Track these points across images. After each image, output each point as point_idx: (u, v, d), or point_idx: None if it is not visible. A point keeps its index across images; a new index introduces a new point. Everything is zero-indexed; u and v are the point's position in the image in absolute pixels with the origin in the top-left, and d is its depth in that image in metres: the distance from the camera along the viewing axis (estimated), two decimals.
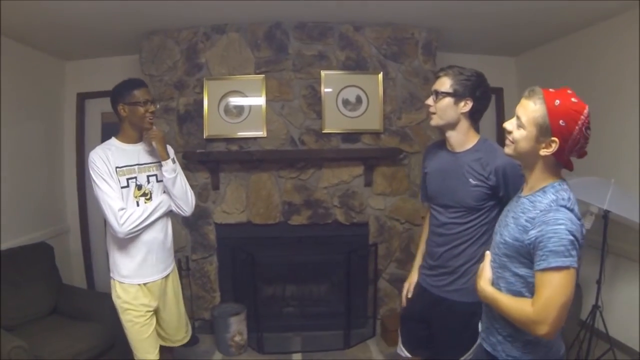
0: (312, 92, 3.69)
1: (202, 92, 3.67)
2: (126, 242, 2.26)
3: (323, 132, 3.69)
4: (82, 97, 4.40)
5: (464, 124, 2.00)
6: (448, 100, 1.95)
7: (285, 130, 3.70)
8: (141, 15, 3.33)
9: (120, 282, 2.28)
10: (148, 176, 2.35)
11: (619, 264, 3.29)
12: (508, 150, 1.51)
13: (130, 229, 2.17)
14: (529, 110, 1.39)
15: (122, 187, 2.24)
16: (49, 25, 3.35)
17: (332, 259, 3.87)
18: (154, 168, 2.38)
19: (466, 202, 1.96)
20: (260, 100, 3.66)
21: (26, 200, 3.78)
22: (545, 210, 1.36)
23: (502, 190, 1.89)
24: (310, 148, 3.71)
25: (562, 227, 1.29)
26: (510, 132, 1.47)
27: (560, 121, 1.33)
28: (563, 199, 1.37)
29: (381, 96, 3.70)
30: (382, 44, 3.74)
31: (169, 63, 3.72)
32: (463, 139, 2.01)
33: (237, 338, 3.53)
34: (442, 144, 2.16)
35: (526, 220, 1.41)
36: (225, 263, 3.83)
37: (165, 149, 2.36)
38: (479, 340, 2.07)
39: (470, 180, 1.93)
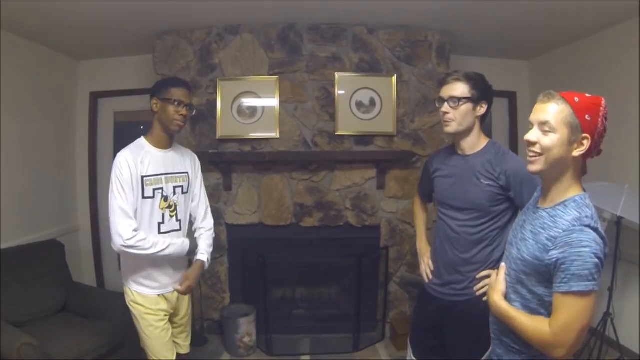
0: (326, 94, 3.69)
1: (215, 93, 3.67)
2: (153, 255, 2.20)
3: (336, 134, 3.68)
4: (95, 96, 4.42)
5: (477, 128, 2.03)
6: (468, 105, 1.96)
7: (298, 131, 3.70)
8: (155, 15, 3.34)
9: (137, 292, 2.24)
10: (175, 187, 2.28)
11: (631, 271, 3.25)
12: (535, 166, 1.37)
13: (128, 250, 2.07)
14: (556, 112, 1.31)
15: (146, 198, 2.16)
16: (63, 25, 3.37)
17: (342, 261, 3.85)
18: (181, 179, 2.31)
19: (479, 203, 1.96)
20: (273, 102, 3.66)
21: (38, 197, 3.80)
22: (568, 230, 1.29)
23: (513, 192, 1.90)
24: (323, 150, 3.70)
25: (587, 249, 1.24)
26: (534, 144, 1.35)
27: (587, 116, 1.29)
28: (587, 217, 1.30)
29: (394, 99, 3.69)
30: (395, 46, 3.73)
31: (182, 63, 3.72)
32: (475, 142, 2.04)
33: (246, 339, 3.52)
34: (450, 148, 2.18)
35: (547, 239, 1.34)
36: (236, 264, 3.83)
37: (198, 275, 2.37)
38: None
39: (482, 180, 1.95)
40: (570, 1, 2.97)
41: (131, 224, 2.08)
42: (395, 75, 3.70)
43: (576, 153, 1.31)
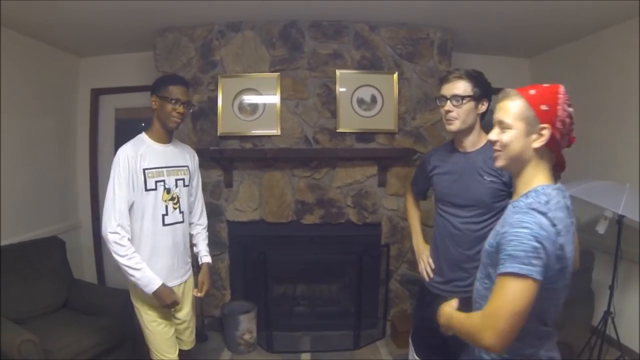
0: (327, 91, 3.68)
1: (216, 90, 3.67)
2: (150, 246, 2.23)
3: (337, 131, 3.68)
4: (97, 93, 4.42)
5: (477, 125, 2.04)
6: (470, 103, 1.97)
7: (300, 128, 3.69)
8: (156, 12, 3.33)
9: None
10: (176, 180, 2.32)
11: (632, 270, 3.25)
12: (498, 162, 1.40)
13: (107, 243, 2.12)
14: (510, 109, 1.33)
15: (149, 190, 2.20)
16: (64, 22, 3.37)
17: (343, 258, 3.86)
18: (182, 172, 2.36)
19: (482, 200, 1.97)
20: (274, 99, 3.66)
21: (39, 194, 3.80)
22: (515, 213, 1.26)
23: None
24: (324, 147, 3.70)
25: (526, 231, 1.18)
26: (496, 142, 1.38)
27: (542, 106, 1.28)
28: (539, 202, 1.25)
29: (396, 96, 3.68)
30: (397, 43, 3.72)
31: (183, 60, 3.72)
32: (476, 139, 2.05)
33: (247, 336, 3.52)
34: (448, 145, 2.19)
35: (500, 226, 1.34)
36: (237, 261, 3.83)
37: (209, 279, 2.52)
38: None
39: (485, 177, 1.95)
40: (571, 0, 2.97)
41: (117, 219, 2.10)
42: (397, 73, 3.69)
43: (536, 144, 1.31)
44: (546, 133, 1.28)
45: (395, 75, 3.68)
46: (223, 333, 3.66)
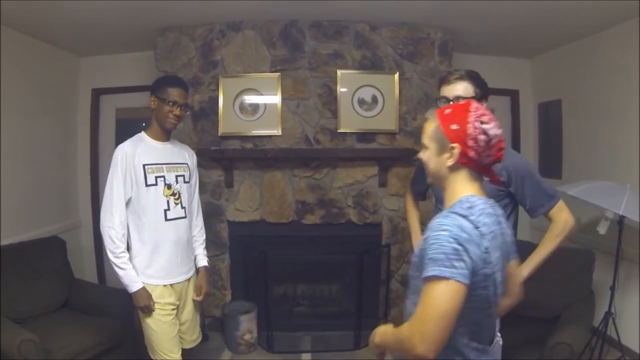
0: (328, 91, 3.68)
1: (217, 90, 3.66)
2: (153, 241, 2.25)
3: (338, 131, 3.67)
4: (97, 93, 4.43)
5: None
6: None
7: (300, 129, 3.69)
8: (156, 12, 3.33)
9: (145, 283, 2.24)
10: (177, 176, 2.35)
11: (633, 270, 3.24)
12: (427, 179, 1.45)
13: (107, 238, 2.18)
14: (427, 130, 1.37)
15: (149, 185, 2.24)
16: (64, 21, 3.37)
17: (344, 259, 3.86)
18: (182, 169, 2.39)
19: None
20: (275, 99, 3.65)
21: (39, 194, 3.80)
22: (436, 218, 1.24)
23: (514, 187, 1.93)
24: (324, 147, 3.69)
25: (446, 233, 1.15)
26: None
27: (452, 126, 1.28)
28: (461, 208, 1.23)
29: (397, 96, 3.68)
30: (398, 43, 3.72)
31: (183, 60, 3.72)
32: None
33: (247, 336, 3.52)
34: None
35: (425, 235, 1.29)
36: (237, 261, 3.82)
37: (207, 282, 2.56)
38: (496, 339, 2.06)
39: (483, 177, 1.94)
40: (572, 1, 2.97)
41: (113, 214, 2.18)
42: (398, 73, 3.69)
43: (449, 163, 1.31)
44: (456, 152, 1.28)
45: (396, 76, 3.68)
46: (223, 333, 3.65)
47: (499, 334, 2.06)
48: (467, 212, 1.21)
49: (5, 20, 3.17)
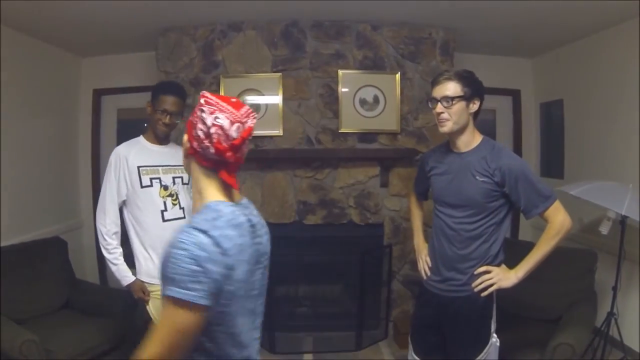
0: (329, 91, 3.68)
1: (218, 90, 3.65)
2: (152, 242, 2.26)
3: (339, 131, 3.67)
4: (99, 94, 4.43)
5: (471, 125, 2.05)
6: (461, 104, 1.98)
7: (302, 129, 3.69)
8: (157, 12, 3.33)
9: (150, 283, 2.26)
10: (174, 177, 2.38)
11: (635, 271, 3.23)
12: None
13: (101, 236, 2.29)
14: None
15: (145, 187, 2.27)
16: (66, 22, 3.37)
17: (346, 259, 3.85)
18: (180, 171, 2.40)
19: (475, 200, 1.98)
20: (276, 99, 3.65)
21: (41, 195, 3.80)
22: (179, 231, 1.11)
23: (508, 187, 1.93)
24: (326, 147, 3.69)
25: (184, 252, 1.04)
26: None
27: (192, 124, 1.21)
28: (205, 219, 1.11)
29: (398, 96, 3.68)
30: (399, 43, 3.72)
31: (185, 60, 3.71)
32: (470, 139, 2.06)
33: None
34: (444, 146, 2.20)
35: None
36: None
37: None
38: (493, 339, 2.05)
39: (477, 177, 1.97)
40: (573, 1, 2.97)
41: (106, 213, 2.29)
42: (399, 73, 3.69)
43: (192, 163, 1.25)
44: (185, 141, 1.23)
45: (398, 76, 3.68)
46: None
47: (495, 335, 2.07)
48: (208, 225, 1.09)
49: (5, 21, 3.17)
